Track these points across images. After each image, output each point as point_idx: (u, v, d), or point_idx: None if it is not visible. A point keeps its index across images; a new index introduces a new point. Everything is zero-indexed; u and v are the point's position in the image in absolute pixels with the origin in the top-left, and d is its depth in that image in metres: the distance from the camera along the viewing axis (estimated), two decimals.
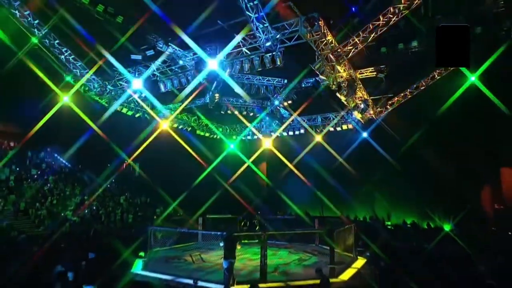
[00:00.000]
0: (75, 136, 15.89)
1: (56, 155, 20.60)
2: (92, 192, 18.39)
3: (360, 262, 11.44)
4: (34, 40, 10.48)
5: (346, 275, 10.02)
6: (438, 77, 12.44)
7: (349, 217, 18.19)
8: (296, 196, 19.36)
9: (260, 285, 8.52)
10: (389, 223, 18.98)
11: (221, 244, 9.37)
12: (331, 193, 18.18)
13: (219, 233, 9.77)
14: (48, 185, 17.72)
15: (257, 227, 14.64)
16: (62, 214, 15.67)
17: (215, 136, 18.25)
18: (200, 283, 9.14)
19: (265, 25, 8.47)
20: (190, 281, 9.32)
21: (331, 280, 8.83)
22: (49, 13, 10.05)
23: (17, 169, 17.87)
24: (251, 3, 8.04)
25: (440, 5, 9.52)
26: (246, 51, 9.54)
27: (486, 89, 9.69)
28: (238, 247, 9.48)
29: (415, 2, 8.25)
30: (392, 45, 11.19)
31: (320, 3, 10.09)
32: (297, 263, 11.45)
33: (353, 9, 11.83)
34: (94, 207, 17.46)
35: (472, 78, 12.39)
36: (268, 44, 8.76)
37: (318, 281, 8.14)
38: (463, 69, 12.12)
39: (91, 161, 20.05)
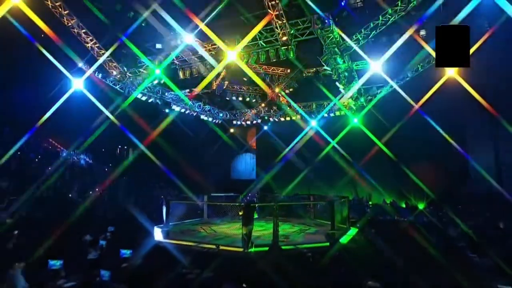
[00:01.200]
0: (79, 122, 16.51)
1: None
2: (91, 175, 19.11)
3: (353, 231, 13.17)
4: None
5: (344, 240, 11.72)
6: (421, 70, 14.15)
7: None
8: (287, 177, 20.95)
9: None
10: (370, 202, 21.04)
11: (240, 213, 10.73)
12: (319, 175, 19.85)
13: (237, 203, 11.12)
14: (49, 168, 18.16)
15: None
16: (70, 195, 16.32)
17: (217, 121, 19.34)
18: (221, 247, 10.53)
19: (283, 21, 9.68)
20: (213, 246, 10.69)
21: None
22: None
23: (18, 153, 18.15)
24: (273, 2, 9.21)
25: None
26: (262, 43, 10.74)
27: (464, 82, 11.34)
28: (255, 216, 10.85)
29: (411, 4, 9.72)
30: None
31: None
32: (299, 232, 13.04)
33: (342, 3, 13.18)
34: (96, 189, 18.13)
35: (451, 71, 14.17)
36: (284, 38, 10.00)
37: (324, 244, 9.91)
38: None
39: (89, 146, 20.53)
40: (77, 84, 13.41)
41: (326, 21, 9.69)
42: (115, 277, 7.54)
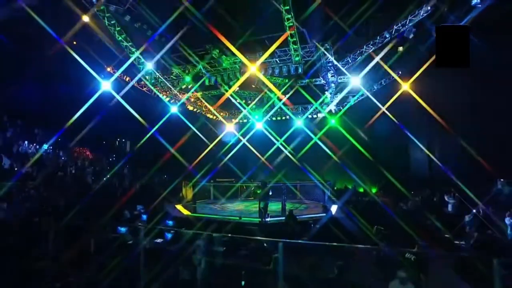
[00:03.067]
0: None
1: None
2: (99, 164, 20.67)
3: (334, 206, 16.84)
4: None
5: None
6: (384, 84, 18.24)
7: None
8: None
9: None
10: (335, 187, 25.18)
11: (258, 192, 13.74)
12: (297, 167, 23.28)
13: (255, 183, 14.09)
14: (62, 158, 19.45)
15: None
16: (89, 182, 17.93)
17: (217, 119, 22.02)
18: (243, 218, 13.41)
19: (297, 45, 12.90)
20: (236, 217, 13.53)
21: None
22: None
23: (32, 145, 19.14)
24: (292, 31, 12.39)
25: None
26: (277, 60, 13.85)
27: (417, 96, 15.27)
28: (270, 193, 13.88)
29: (386, 39, 13.45)
30: None
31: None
32: (294, 209, 16.34)
33: None
34: (108, 176, 19.75)
35: (405, 86, 18.26)
36: (297, 59, 13.22)
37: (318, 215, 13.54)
38: (397, 78, 17.94)
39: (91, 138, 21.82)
40: (105, 86, 15.30)
41: (328, 47, 13.14)
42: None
